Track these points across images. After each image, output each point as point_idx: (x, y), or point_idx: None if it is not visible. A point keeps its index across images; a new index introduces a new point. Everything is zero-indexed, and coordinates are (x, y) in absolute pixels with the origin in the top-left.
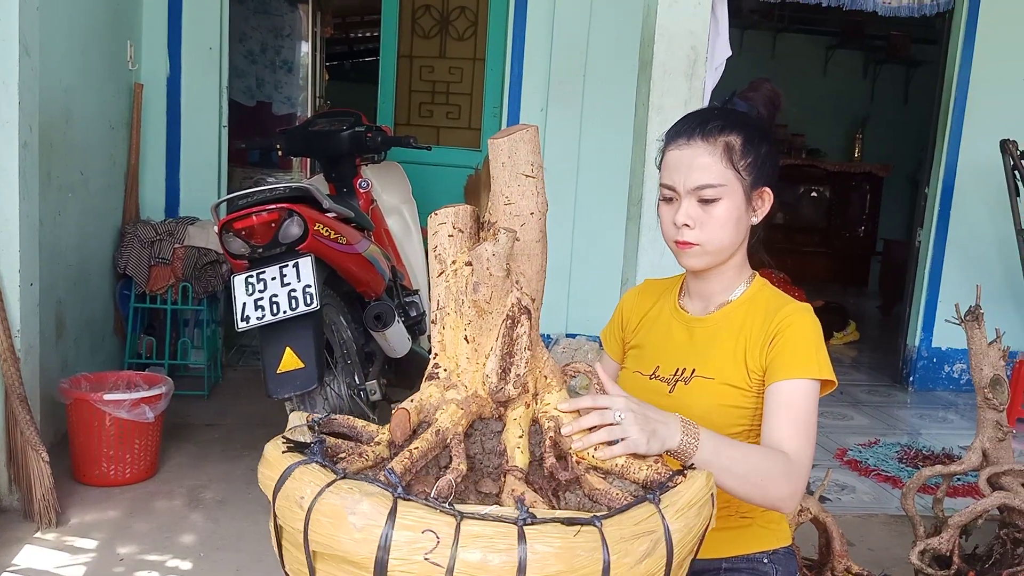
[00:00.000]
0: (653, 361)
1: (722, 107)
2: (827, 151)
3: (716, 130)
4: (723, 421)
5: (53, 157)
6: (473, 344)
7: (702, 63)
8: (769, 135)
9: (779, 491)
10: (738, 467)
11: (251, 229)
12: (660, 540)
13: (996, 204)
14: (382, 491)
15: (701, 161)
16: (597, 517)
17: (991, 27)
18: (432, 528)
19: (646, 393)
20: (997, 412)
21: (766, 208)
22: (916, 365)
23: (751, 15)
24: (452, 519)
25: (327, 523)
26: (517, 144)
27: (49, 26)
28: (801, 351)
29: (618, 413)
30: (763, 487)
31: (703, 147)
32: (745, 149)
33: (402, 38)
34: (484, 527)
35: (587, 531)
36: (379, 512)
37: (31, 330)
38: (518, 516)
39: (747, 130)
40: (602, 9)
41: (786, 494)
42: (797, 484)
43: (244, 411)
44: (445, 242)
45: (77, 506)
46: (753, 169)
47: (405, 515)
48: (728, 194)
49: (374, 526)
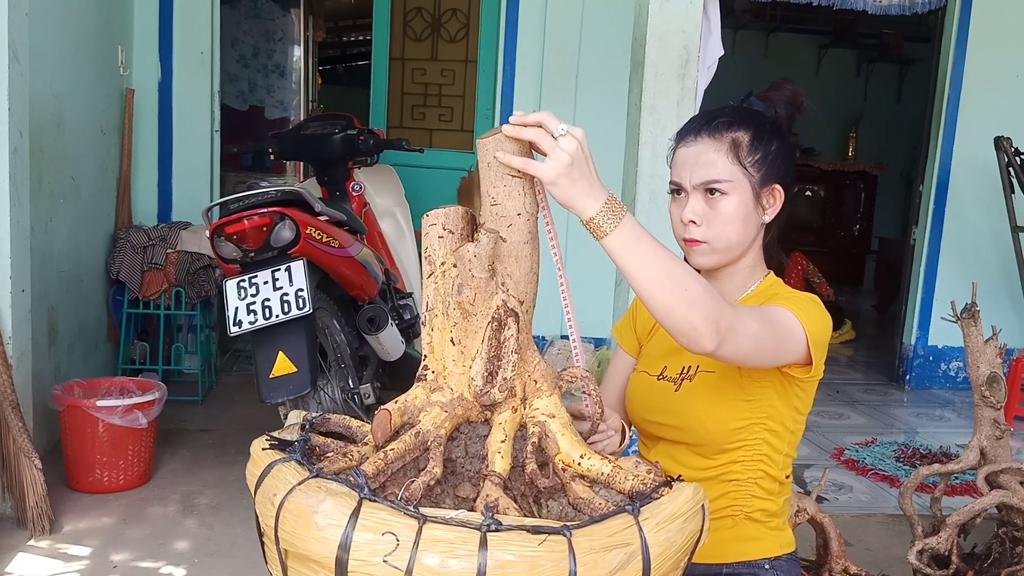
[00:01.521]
0: (661, 362)
1: (735, 105)
2: (821, 150)
3: (723, 126)
4: (727, 414)
5: (44, 163)
6: (459, 346)
7: (694, 63)
8: (782, 133)
9: (703, 315)
10: (661, 266)
11: (243, 233)
12: (636, 553)
13: (991, 201)
14: (348, 491)
15: (707, 157)
16: (567, 526)
17: (983, 24)
18: (393, 530)
19: (653, 393)
20: (994, 410)
21: (777, 205)
22: (912, 363)
23: (743, 15)
24: (415, 522)
25: (293, 521)
26: (503, 144)
27: (39, 32)
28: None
29: (563, 126)
30: (685, 300)
31: (709, 143)
32: (753, 145)
33: (394, 41)
34: (446, 531)
35: (553, 540)
36: (341, 512)
37: (23, 337)
38: (482, 522)
39: (756, 127)
40: (594, 10)
41: (709, 322)
42: (725, 321)
43: (238, 416)
44: (435, 243)
45: (70, 513)
46: (762, 165)
47: (367, 516)
48: (734, 190)
49: (336, 526)
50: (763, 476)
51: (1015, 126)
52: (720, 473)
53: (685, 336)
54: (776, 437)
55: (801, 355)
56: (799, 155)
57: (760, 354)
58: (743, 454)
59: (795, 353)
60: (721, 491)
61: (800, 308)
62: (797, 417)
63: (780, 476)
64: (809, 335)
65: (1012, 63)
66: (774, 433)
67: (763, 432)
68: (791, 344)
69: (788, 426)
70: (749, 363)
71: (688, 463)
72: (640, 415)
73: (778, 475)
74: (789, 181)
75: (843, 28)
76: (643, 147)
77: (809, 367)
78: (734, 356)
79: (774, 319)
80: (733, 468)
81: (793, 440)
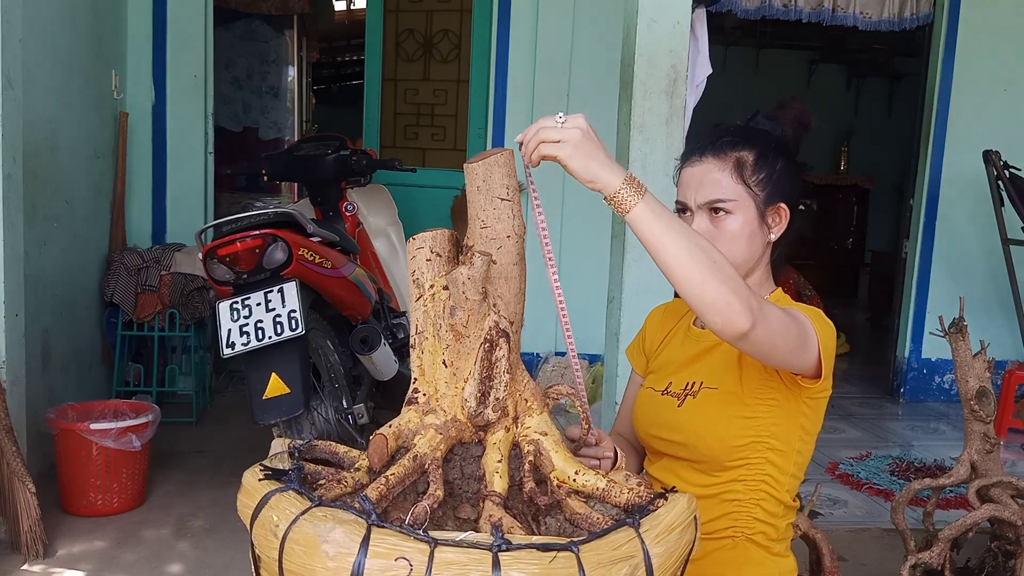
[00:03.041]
0: (666, 378)
1: (740, 124)
2: (813, 164)
3: (727, 145)
4: (728, 431)
5: (38, 187)
6: (451, 368)
7: (683, 82)
8: (787, 152)
9: (735, 290)
10: (688, 239)
11: (235, 255)
12: (640, 565)
13: (981, 214)
14: (356, 518)
15: (711, 177)
16: (574, 542)
17: (970, 39)
18: (405, 555)
19: (657, 408)
20: (984, 424)
21: (783, 224)
22: (907, 376)
23: (734, 31)
24: (426, 546)
25: (300, 552)
26: (492, 168)
27: (32, 57)
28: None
29: (560, 116)
30: (716, 274)
31: (714, 163)
32: (758, 165)
33: (386, 62)
34: (458, 554)
35: (563, 557)
36: (352, 540)
37: (16, 361)
38: (492, 542)
39: (761, 146)
40: (583, 30)
41: (742, 298)
42: (755, 302)
43: (233, 437)
44: (423, 266)
45: (64, 537)
46: (766, 184)
47: (378, 542)
48: (739, 209)
49: (347, 554)
50: (766, 497)
51: (1003, 140)
52: (722, 492)
53: (720, 314)
54: (780, 457)
55: (813, 363)
56: None
57: (787, 343)
58: (745, 473)
59: (810, 357)
60: (722, 511)
61: (812, 316)
62: (804, 437)
63: (785, 499)
64: (821, 344)
65: (999, 77)
66: (778, 452)
67: (766, 451)
68: (807, 344)
69: (794, 445)
70: (774, 354)
71: (690, 480)
72: (644, 430)
73: (783, 497)
74: (795, 200)
75: (833, 44)
76: (633, 165)
77: (818, 378)
78: (766, 339)
79: (793, 313)
80: (735, 487)
81: (800, 461)
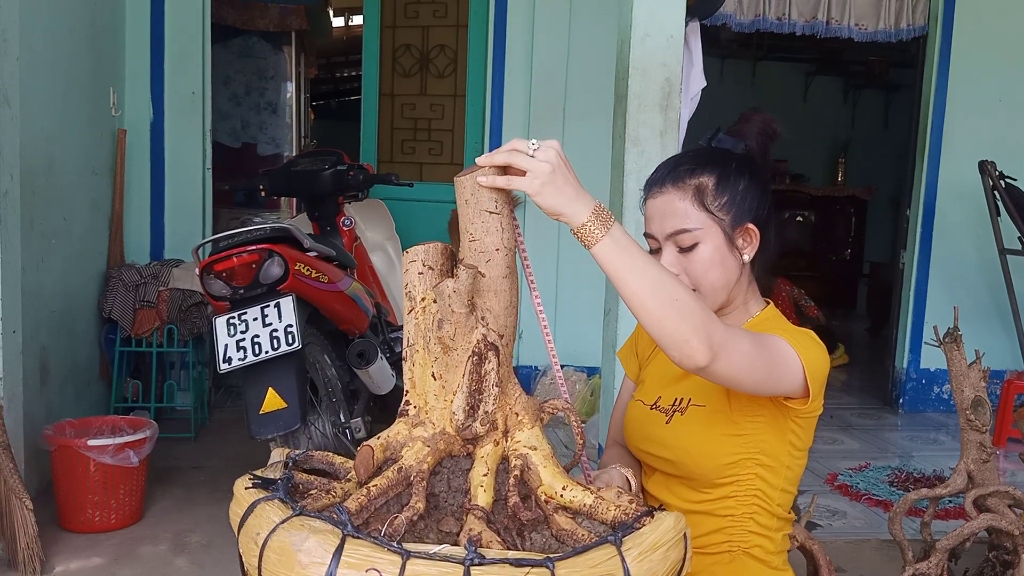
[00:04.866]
0: (656, 392)
1: (698, 148)
2: (810, 176)
3: (686, 173)
4: (717, 449)
5: (36, 204)
6: (440, 381)
7: (677, 95)
8: (750, 169)
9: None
10: (651, 274)
11: (232, 271)
12: None
13: (977, 224)
14: (332, 528)
15: (673, 207)
16: (550, 558)
17: (965, 51)
18: (376, 567)
19: (645, 422)
20: (980, 433)
21: (754, 245)
22: (905, 387)
23: (730, 44)
24: (398, 558)
25: (276, 560)
26: (480, 183)
27: (30, 76)
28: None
29: (533, 143)
30: (676, 310)
31: (674, 193)
32: (718, 189)
33: (383, 77)
34: (430, 567)
35: (536, 573)
36: (324, 550)
37: (14, 377)
38: (465, 556)
39: (721, 168)
40: (579, 44)
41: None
42: (718, 336)
43: (231, 452)
44: (415, 279)
45: (62, 553)
46: (730, 208)
47: (351, 553)
48: (705, 236)
49: (319, 564)
50: (759, 511)
51: (998, 150)
52: (714, 508)
53: (677, 349)
54: (771, 473)
55: (797, 387)
56: (788, 182)
57: (752, 375)
58: (736, 489)
59: (790, 383)
60: (716, 525)
61: (797, 340)
62: (794, 452)
63: (778, 512)
64: (807, 368)
65: (994, 88)
66: (768, 468)
67: (756, 467)
68: (786, 372)
69: (784, 461)
70: (742, 385)
71: (682, 495)
72: (635, 445)
73: (775, 511)
74: (764, 217)
75: (829, 56)
76: (628, 178)
77: (807, 400)
78: (727, 373)
79: (768, 343)
80: (727, 503)
81: (791, 476)
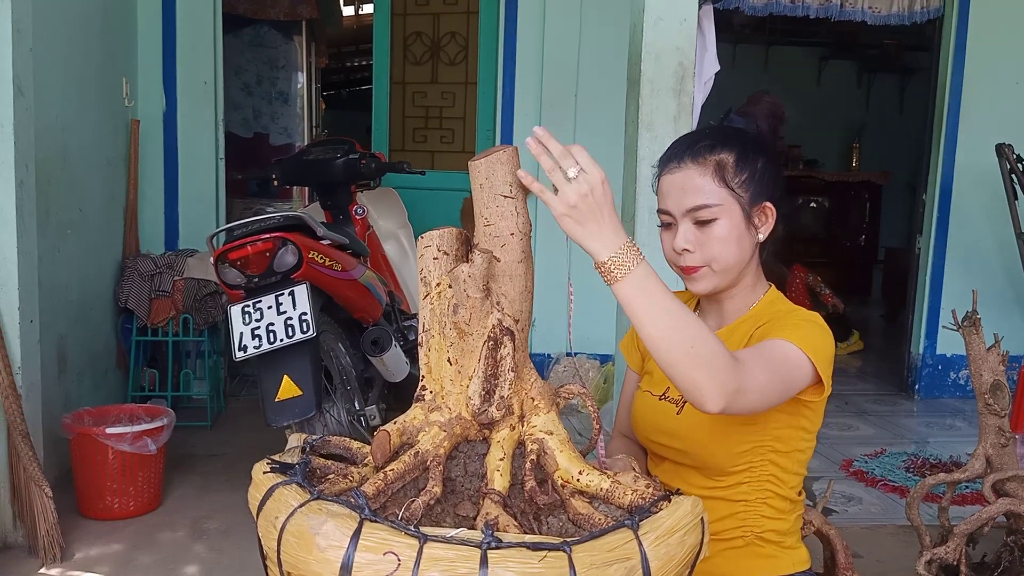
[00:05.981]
0: (664, 382)
1: (716, 125)
2: (825, 161)
3: (706, 149)
4: (730, 438)
5: (51, 194)
6: (456, 366)
7: (690, 79)
8: (767, 149)
9: (708, 375)
10: (670, 320)
11: (246, 259)
12: (636, 568)
13: (994, 208)
14: (349, 512)
15: (693, 183)
16: (567, 542)
17: (981, 33)
18: (394, 550)
19: (656, 414)
20: (999, 418)
21: (770, 223)
22: (921, 373)
23: (742, 29)
24: (415, 541)
25: (295, 543)
26: (494, 165)
27: (43, 66)
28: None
29: (573, 170)
30: (690, 357)
31: (694, 169)
32: (739, 166)
33: (394, 65)
34: (447, 550)
35: (554, 557)
36: (343, 533)
37: (32, 366)
38: (482, 539)
39: (740, 146)
40: (590, 29)
41: (714, 383)
42: (732, 383)
43: (247, 440)
44: (430, 264)
45: (81, 540)
46: (750, 185)
47: (369, 536)
48: (724, 213)
49: (337, 547)
50: (772, 496)
51: (1016, 133)
52: (727, 494)
53: (689, 394)
54: (783, 457)
55: (809, 381)
56: (802, 167)
57: (767, 401)
58: (750, 475)
59: (802, 383)
60: (729, 511)
61: (800, 334)
62: (805, 436)
63: (790, 495)
64: (814, 360)
65: (1011, 70)
66: (781, 454)
67: (769, 453)
68: (797, 376)
69: (796, 445)
70: (758, 411)
71: (694, 483)
72: (645, 435)
73: (788, 494)
74: (779, 197)
75: (843, 40)
76: (641, 163)
77: (821, 386)
78: (742, 410)
79: (779, 360)
80: (740, 489)
81: (802, 458)
